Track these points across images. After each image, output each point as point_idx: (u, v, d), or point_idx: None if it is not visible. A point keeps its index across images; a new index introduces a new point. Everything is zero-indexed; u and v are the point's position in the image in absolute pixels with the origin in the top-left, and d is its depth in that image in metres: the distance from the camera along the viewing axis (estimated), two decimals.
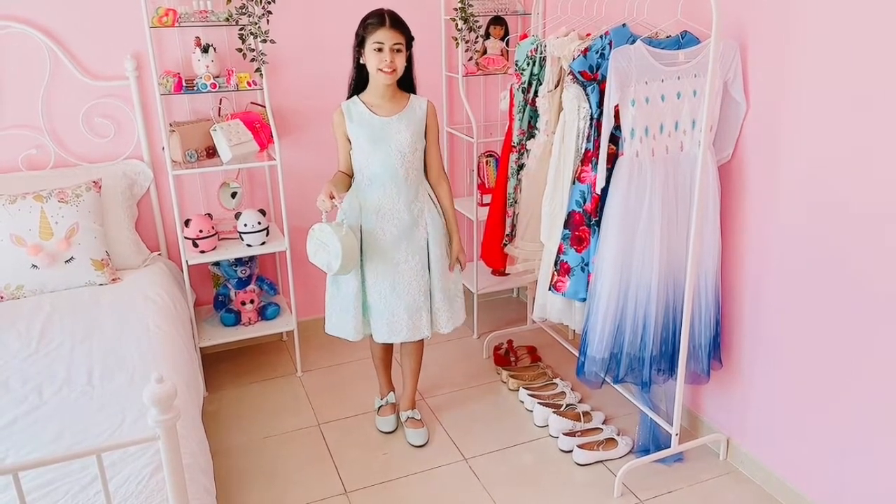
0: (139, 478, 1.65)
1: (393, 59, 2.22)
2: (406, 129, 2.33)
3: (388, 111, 2.34)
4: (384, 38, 2.20)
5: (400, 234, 2.39)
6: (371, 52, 2.22)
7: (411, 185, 2.39)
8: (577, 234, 2.38)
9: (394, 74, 2.25)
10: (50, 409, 1.94)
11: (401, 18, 2.27)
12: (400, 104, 2.35)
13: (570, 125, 2.39)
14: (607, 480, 2.47)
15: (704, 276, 2.32)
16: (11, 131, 2.79)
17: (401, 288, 2.42)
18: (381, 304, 2.44)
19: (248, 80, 2.80)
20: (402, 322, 2.45)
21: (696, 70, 2.18)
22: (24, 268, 2.55)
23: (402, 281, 2.42)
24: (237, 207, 3.10)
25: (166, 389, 1.35)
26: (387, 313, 2.45)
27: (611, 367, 2.39)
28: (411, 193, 2.39)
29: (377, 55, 2.22)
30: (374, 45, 2.21)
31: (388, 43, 2.20)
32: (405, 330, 2.46)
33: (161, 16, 2.65)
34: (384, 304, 2.44)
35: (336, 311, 2.51)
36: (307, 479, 2.51)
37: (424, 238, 2.43)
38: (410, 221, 2.40)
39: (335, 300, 2.51)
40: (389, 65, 2.22)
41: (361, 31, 2.25)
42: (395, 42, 2.21)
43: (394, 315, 2.45)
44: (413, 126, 2.34)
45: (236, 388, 3.05)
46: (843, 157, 1.97)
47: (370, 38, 2.21)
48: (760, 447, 2.42)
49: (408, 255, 2.41)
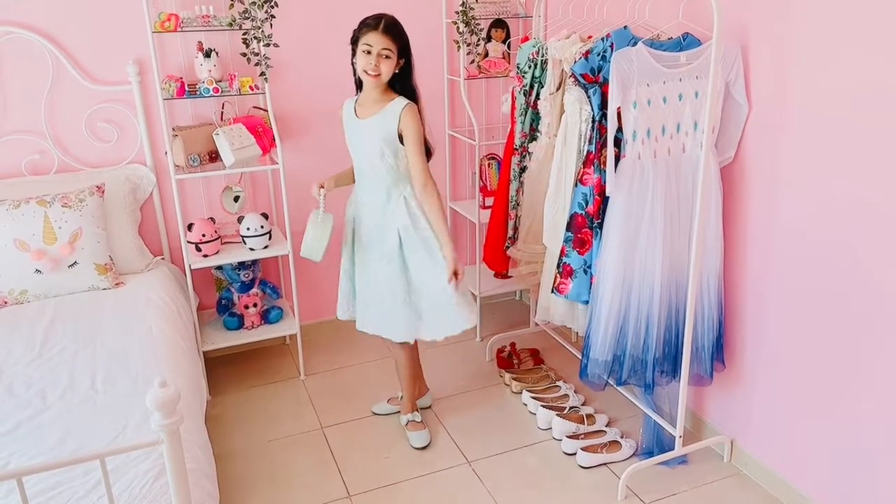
0: (143, 482, 1.65)
1: (378, 63, 2.22)
2: (376, 132, 2.31)
3: (366, 112, 2.35)
4: (373, 42, 2.21)
5: (371, 234, 2.43)
6: (360, 52, 2.24)
7: (381, 189, 2.38)
8: (579, 236, 2.38)
9: (377, 79, 2.25)
10: (53, 413, 1.95)
11: (398, 26, 2.25)
12: (379, 107, 2.32)
13: (571, 128, 2.39)
14: (611, 483, 2.46)
15: (707, 278, 2.31)
16: (15, 136, 2.79)
17: (373, 284, 2.48)
18: (360, 292, 2.54)
19: (251, 85, 2.81)
20: (371, 316, 2.53)
21: (698, 72, 2.18)
22: (27, 272, 2.56)
23: (372, 279, 2.48)
24: (240, 211, 3.10)
25: (169, 393, 1.35)
26: (362, 303, 2.54)
27: (614, 370, 2.39)
28: (383, 197, 2.38)
29: (365, 57, 2.23)
30: (363, 47, 2.23)
31: (377, 47, 2.21)
32: (373, 325, 2.54)
33: (163, 21, 2.66)
34: (361, 293, 2.53)
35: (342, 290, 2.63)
36: (310, 482, 2.51)
37: (395, 244, 2.39)
38: (382, 225, 2.41)
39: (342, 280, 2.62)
40: (374, 68, 2.23)
41: (356, 31, 2.27)
42: (384, 47, 2.21)
43: (367, 306, 2.53)
44: (382, 130, 2.30)
45: (239, 392, 3.05)
46: (845, 158, 1.97)
47: (362, 39, 2.23)
48: (764, 449, 2.42)
49: (380, 256, 2.43)
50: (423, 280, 2.42)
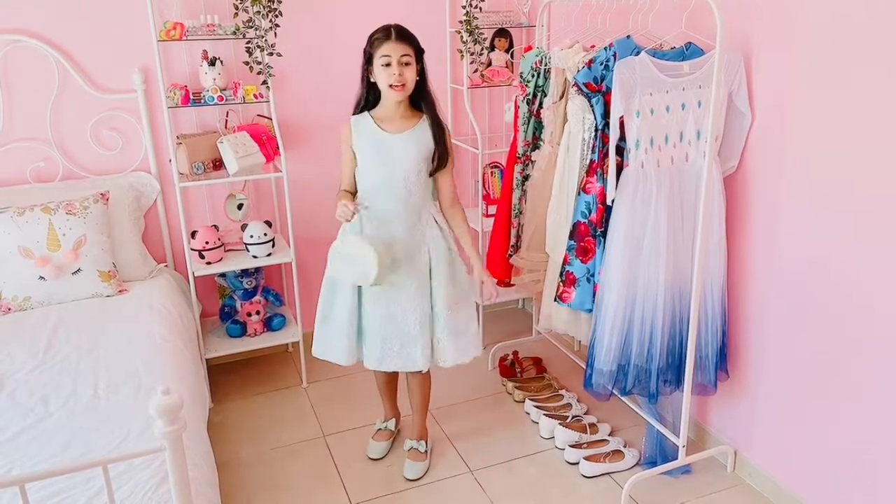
0: (145, 489, 1.65)
1: (402, 72, 2.14)
2: (413, 147, 2.22)
3: (397, 128, 2.24)
4: (391, 52, 2.12)
5: (398, 256, 2.27)
6: (380, 67, 2.15)
7: (414, 207, 2.28)
8: (582, 244, 2.38)
9: (404, 89, 2.16)
10: (56, 420, 1.95)
11: (408, 31, 2.19)
12: (411, 122, 2.25)
13: (574, 136, 2.40)
14: (614, 493, 2.45)
15: (710, 287, 2.31)
16: (20, 144, 2.81)
17: (397, 313, 2.31)
18: (374, 328, 2.34)
19: (255, 93, 2.82)
20: (394, 350, 2.34)
21: (701, 81, 2.19)
22: (31, 279, 2.56)
23: (398, 306, 2.31)
24: (243, 219, 3.11)
25: (172, 401, 1.35)
26: (379, 339, 2.34)
27: (619, 379, 2.38)
28: (413, 216, 2.28)
29: (386, 70, 2.14)
30: (381, 60, 2.14)
31: (396, 56, 2.12)
32: (397, 358, 2.35)
33: (169, 29, 2.67)
34: (377, 329, 2.33)
35: (328, 332, 2.42)
36: (312, 491, 2.50)
37: (426, 263, 2.31)
38: (411, 245, 2.29)
39: (327, 321, 2.41)
40: (399, 79, 2.14)
41: (368, 48, 2.18)
42: (403, 54, 2.13)
43: (386, 342, 2.34)
44: (421, 146, 2.23)
45: (242, 400, 3.05)
46: (848, 166, 1.97)
47: (377, 53, 2.14)
48: (768, 459, 2.40)
49: (406, 278, 2.29)
50: (447, 302, 2.34)
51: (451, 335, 2.36)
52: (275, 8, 2.70)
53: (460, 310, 2.39)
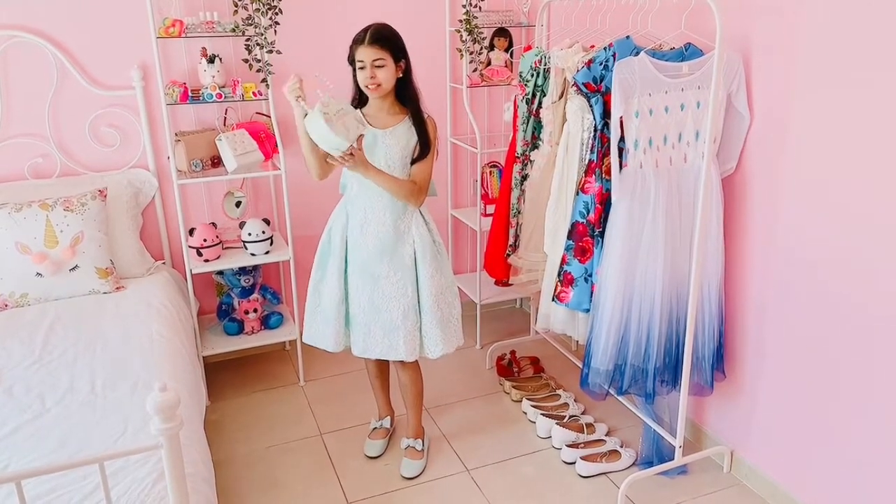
0: (141, 486, 1.65)
1: (374, 74, 2.20)
2: (397, 143, 2.29)
3: (382, 123, 2.31)
4: (363, 56, 2.19)
5: (383, 247, 2.34)
6: (357, 70, 2.23)
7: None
8: (580, 244, 2.38)
9: (379, 90, 2.23)
10: (53, 417, 1.94)
11: (384, 33, 2.20)
12: (397, 118, 2.30)
13: (573, 136, 2.40)
14: (610, 493, 2.46)
15: (708, 288, 2.31)
16: (18, 140, 2.80)
17: (379, 303, 2.37)
18: (360, 316, 2.41)
19: (254, 91, 2.81)
20: (376, 339, 2.40)
21: (700, 82, 2.19)
22: (28, 276, 2.56)
23: (381, 296, 2.37)
24: (241, 216, 3.11)
25: (169, 398, 1.35)
26: (363, 327, 2.41)
27: (615, 379, 2.39)
28: (399, 208, 2.33)
29: (361, 73, 2.22)
30: (358, 64, 2.22)
31: (368, 60, 2.19)
32: (379, 347, 2.41)
33: (168, 26, 2.67)
34: (362, 317, 2.41)
35: (316, 319, 2.48)
36: (309, 489, 2.50)
37: (411, 255, 2.36)
38: (395, 236, 2.34)
39: (317, 309, 2.47)
40: (372, 81, 2.21)
41: (350, 50, 2.25)
42: (375, 58, 2.18)
43: (370, 330, 2.41)
44: (404, 140, 2.29)
45: (239, 398, 3.05)
46: (847, 168, 1.97)
47: (355, 56, 2.22)
48: (765, 460, 2.41)
49: (390, 270, 2.35)
50: (433, 293, 2.38)
51: (439, 324, 2.42)
52: (274, 5, 2.70)
53: (445, 298, 2.44)
